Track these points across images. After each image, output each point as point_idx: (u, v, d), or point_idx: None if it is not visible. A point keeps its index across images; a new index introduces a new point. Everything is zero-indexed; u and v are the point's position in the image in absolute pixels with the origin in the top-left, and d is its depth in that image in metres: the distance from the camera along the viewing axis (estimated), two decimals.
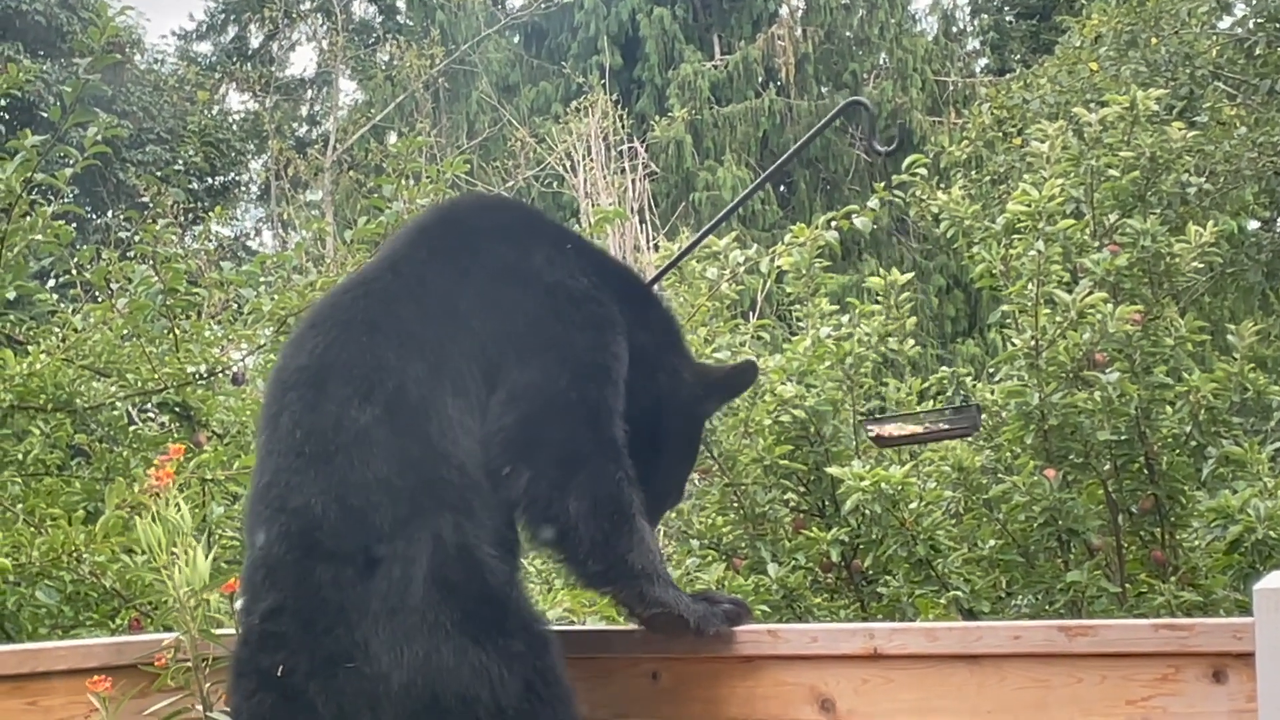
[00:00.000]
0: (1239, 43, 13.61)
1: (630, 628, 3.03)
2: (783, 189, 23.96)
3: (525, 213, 3.42)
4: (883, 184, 6.93)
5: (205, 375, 6.25)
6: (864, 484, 5.75)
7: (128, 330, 6.19)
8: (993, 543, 6.06)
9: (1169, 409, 6.06)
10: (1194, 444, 6.05)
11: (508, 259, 3.06)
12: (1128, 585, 6.04)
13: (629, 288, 3.21)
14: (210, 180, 25.26)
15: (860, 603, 6.20)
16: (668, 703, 3.02)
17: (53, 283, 15.92)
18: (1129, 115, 6.93)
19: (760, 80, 24.22)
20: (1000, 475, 6.15)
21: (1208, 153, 11.37)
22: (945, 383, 6.53)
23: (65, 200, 7.67)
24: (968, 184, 11.30)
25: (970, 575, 6.01)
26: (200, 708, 3.01)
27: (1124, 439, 5.98)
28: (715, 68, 23.98)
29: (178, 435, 6.22)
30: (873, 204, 6.72)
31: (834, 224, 6.63)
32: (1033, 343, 6.03)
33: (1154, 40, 13.04)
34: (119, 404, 6.17)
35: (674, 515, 6.47)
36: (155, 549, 2.99)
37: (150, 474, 3.03)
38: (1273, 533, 5.53)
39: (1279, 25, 13.41)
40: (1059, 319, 6.02)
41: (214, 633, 3.01)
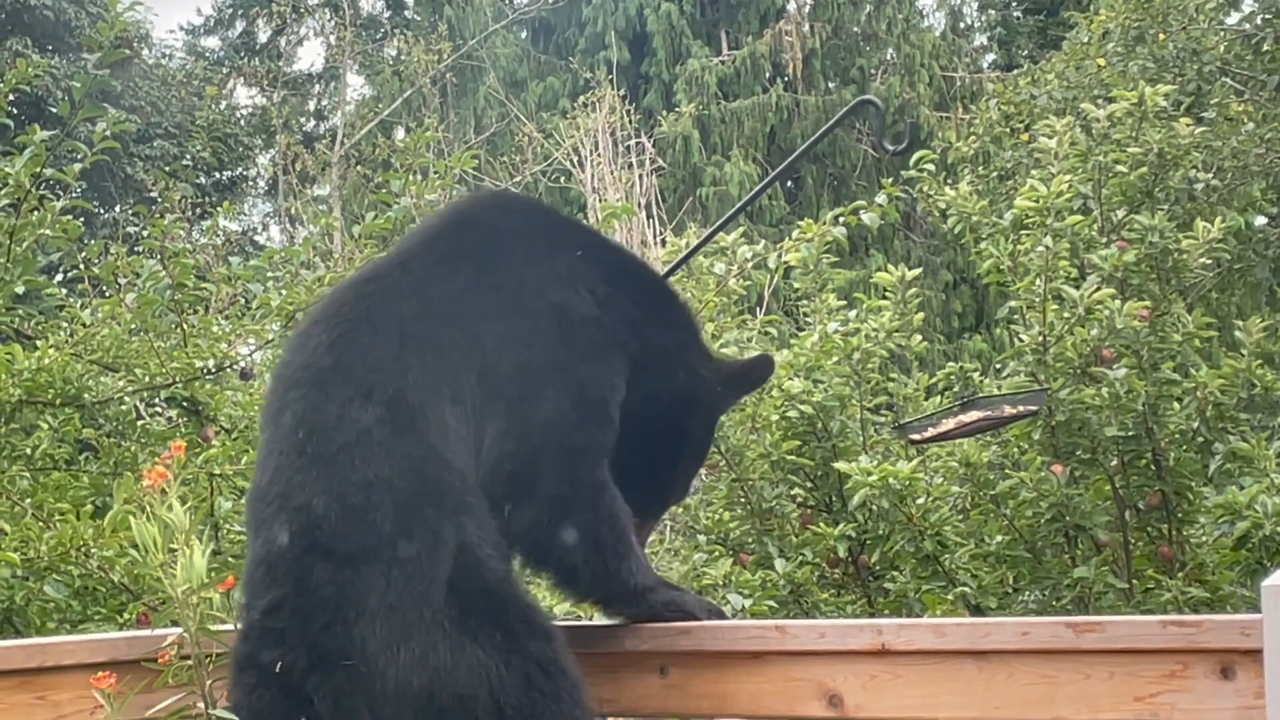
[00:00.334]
0: (1247, 38, 13.58)
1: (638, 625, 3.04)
2: (790, 185, 23.95)
3: (541, 216, 3.37)
4: (890, 180, 6.92)
5: (213, 370, 6.26)
6: (871, 479, 5.74)
7: (136, 325, 6.20)
8: (1000, 538, 6.05)
9: (1176, 405, 6.06)
10: (1201, 440, 6.05)
11: (516, 268, 3.05)
12: (1135, 581, 6.03)
13: (646, 288, 3.20)
14: (218, 175, 25.30)
15: (867, 598, 6.20)
16: (675, 698, 3.02)
17: (61, 277, 15.96)
18: (1137, 111, 6.93)
19: (768, 75, 24.23)
20: (1007, 471, 6.14)
21: (1215, 149, 11.36)
22: (952, 378, 6.52)
23: (74, 195, 7.66)
24: (975, 180, 11.31)
25: (977, 571, 6.00)
26: (202, 705, 3.00)
27: (1131, 435, 5.97)
28: (723, 63, 23.98)
29: (186, 430, 6.23)
30: (881, 199, 6.72)
31: (842, 220, 6.63)
32: (1040, 339, 6.02)
33: (1162, 36, 13.02)
34: (127, 399, 6.18)
35: (680, 510, 6.47)
36: (152, 548, 2.99)
37: (147, 473, 3.03)
38: None
39: None
40: (1067, 315, 6.02)
41: (214, 630, 3.00)
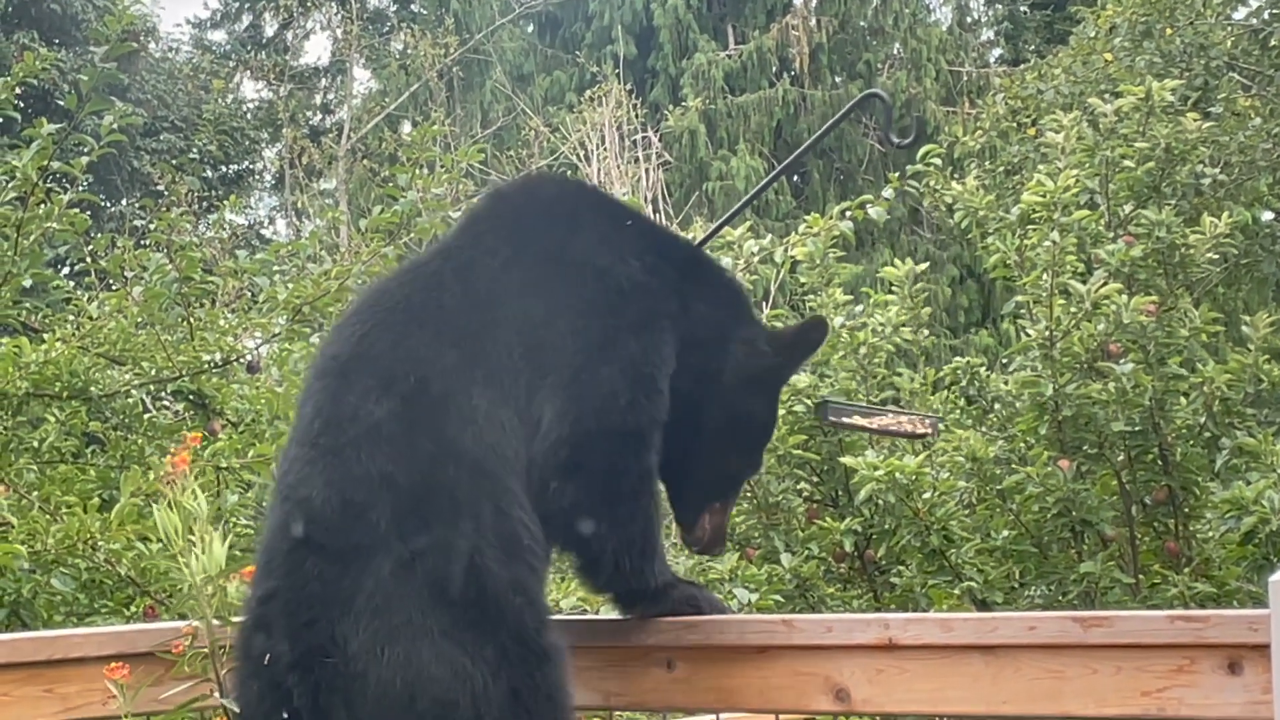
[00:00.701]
0: (1254, 34, 13.57)
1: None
2: (796, 179, 23.94)
3: (579, 190, 3.36)
4: (897, 175, 6.92)
5: (220, 363, 6.25)
6: (878, 474, 5.75)
7: (143, 318, 6.20)
8: (1006, 533, 6.05)
9: (1183, 400, 6.06)
10: (1208, 435, 6.05)
11: (559, 236, 3.01)
12: (1141, 576, 6.04)
13: (693, 265, 3.15)
14: (224, 168, 25.30)
15: (873, 593, 6.21)
16: (682, 692, 3.02)
17: (68, 270, 16.00)
18: (1144, 106, 6.94)
19: (774, 70, 24.19)
20: (1014, 466, 6.14)
21: (1222, 144, 11.35)
22: (959, 373, 6.52)
23: (81, 188, 7.67)
24: (982, 174, 11.29)
25: (984, 566, 6.01)
26: (217, 694, 3.01)
27: (1138, 430, 5.97)
28: (729, 57, 23.95)
29: (192, 423, 6.23)
30: (887, 194, 6.71)
31: (848, 214, 6.62)
32: (1047, 333, 6.02)
33: (1169, 31, 13.01)
34: (134, 392, 6.18)
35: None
36: (173, 535, 2.99)
37: (167, 461, 3.03)
38: None
39: None
40: (1073, 310, 6.02)
41: (231, 619, 3.00)
